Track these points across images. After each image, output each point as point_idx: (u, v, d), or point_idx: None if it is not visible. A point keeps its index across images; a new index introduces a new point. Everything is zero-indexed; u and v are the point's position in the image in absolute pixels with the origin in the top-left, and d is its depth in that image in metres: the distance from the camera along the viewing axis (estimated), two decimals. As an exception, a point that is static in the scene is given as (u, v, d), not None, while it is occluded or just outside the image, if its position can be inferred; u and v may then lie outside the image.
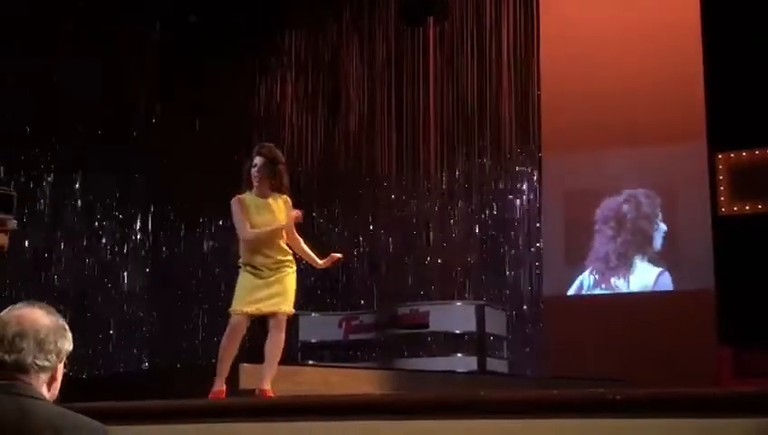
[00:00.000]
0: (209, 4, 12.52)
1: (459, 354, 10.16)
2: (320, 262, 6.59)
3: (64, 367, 2.72)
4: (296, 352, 10.91)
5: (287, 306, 6.31)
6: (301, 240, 6.53)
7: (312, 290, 12.87)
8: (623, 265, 10.91)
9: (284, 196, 6.40)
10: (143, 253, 12.72)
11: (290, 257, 6.35)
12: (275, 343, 6.31)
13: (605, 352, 10.00)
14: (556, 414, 4.15)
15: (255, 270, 6.26)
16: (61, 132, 11.77)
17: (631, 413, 4.00)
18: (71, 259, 11.91)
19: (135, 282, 12.52)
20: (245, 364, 7.24)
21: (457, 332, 10.22)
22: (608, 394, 4.10)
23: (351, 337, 11.41)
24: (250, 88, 13.50)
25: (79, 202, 12.06)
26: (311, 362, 10.47)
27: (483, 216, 12.09)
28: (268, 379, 6.28)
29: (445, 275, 12.04)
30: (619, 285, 10.88)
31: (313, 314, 11.55)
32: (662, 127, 10.68)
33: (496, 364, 10.30)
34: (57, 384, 2.70)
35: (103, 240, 12.34)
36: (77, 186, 12.08)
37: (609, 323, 10.40)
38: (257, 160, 6.32)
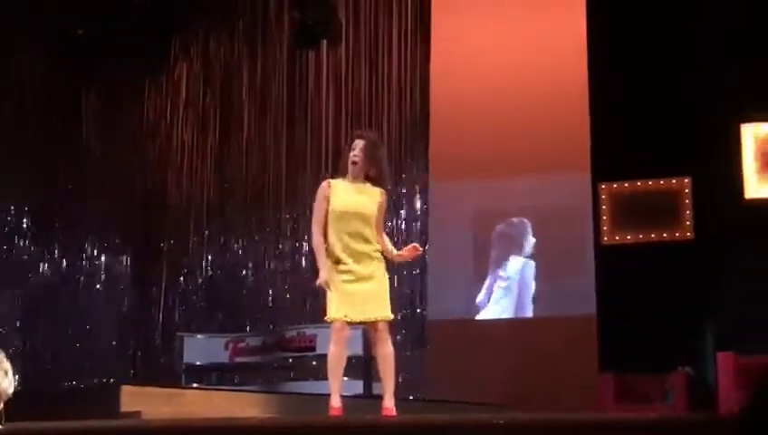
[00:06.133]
0: (98, 18, 12.25)
1: (345, 378, 10.07)
2: (400, 252, 5.94)
3: (4, 405, 2.65)
4: (180, 375, 10.72)
5: (386, 311, 5.83)
6: (386, 239, 5.97)
7: (198, 311, 12.69)
8: (500, 260, 11.22)
9: (381, 189, 5.91)
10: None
11: (379, 249, 5.85)
12: (386, 359, 5.91)
13: (490, 377, 10.10)
14: (442, 438, 4.18)
15: (345, 266, 5.73)
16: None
17: (516, 438, 4.05)
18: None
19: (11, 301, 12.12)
20: (127, 386, 7.07)
21: (344, 355, 10.16)
22: (493, 419, 4.16)
23: (237, 360, 11.26)
24: (139, 104, 13.30)
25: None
26: (195, 384, 10.30)
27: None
28: (390, 396, 5.93)
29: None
30: (500, 275, 11.20)
31: (199, 336, 11.37)
32: (548, 157, 10.89)
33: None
34: None
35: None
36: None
37: (494, 348, 10.52)
38: (357, 143, 5.90)
